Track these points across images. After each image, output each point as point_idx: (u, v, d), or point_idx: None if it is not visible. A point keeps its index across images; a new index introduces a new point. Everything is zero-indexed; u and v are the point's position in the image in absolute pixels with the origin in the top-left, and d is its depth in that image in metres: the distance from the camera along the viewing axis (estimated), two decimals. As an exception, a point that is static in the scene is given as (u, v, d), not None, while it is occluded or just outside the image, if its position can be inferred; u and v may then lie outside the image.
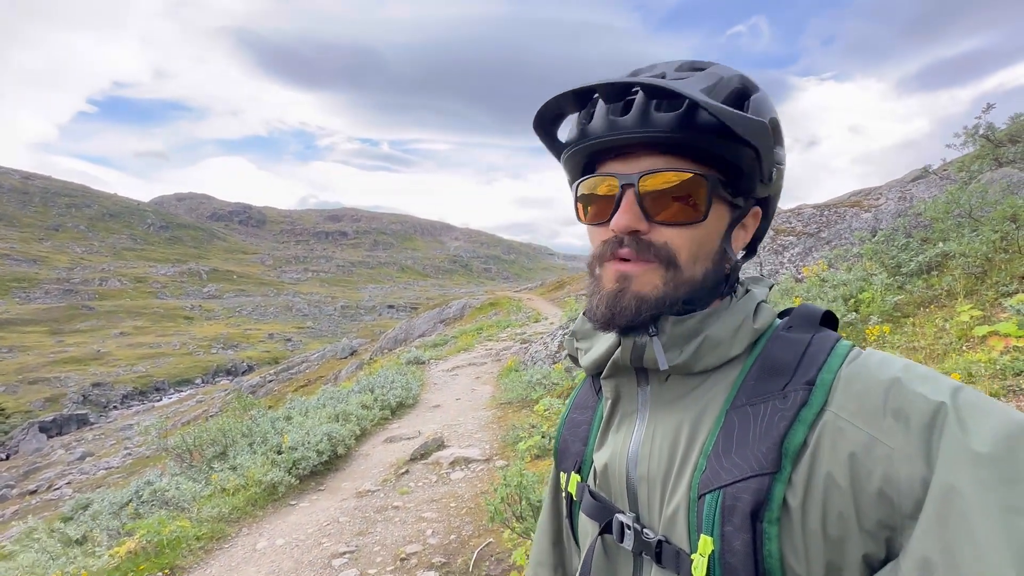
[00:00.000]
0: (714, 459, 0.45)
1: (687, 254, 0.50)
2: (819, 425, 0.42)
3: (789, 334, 0.50)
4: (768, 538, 0.41)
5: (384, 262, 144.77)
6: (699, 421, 0.49)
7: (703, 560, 0.42)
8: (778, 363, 0.47)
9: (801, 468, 0.41)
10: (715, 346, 0.50)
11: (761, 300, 0.55)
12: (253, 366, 40.92)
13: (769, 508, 0.41)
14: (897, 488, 0.37)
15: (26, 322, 50.78)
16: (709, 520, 0.43)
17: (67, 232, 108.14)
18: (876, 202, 8.68)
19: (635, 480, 0.53)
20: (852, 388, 0.42)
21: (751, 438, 0.44)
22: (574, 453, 0.62)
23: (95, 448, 21.66)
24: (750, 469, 0.42)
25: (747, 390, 0.47)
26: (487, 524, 3.27)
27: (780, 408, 0.44)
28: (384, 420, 6.75)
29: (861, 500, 0.39)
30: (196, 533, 3.68)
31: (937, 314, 3.79)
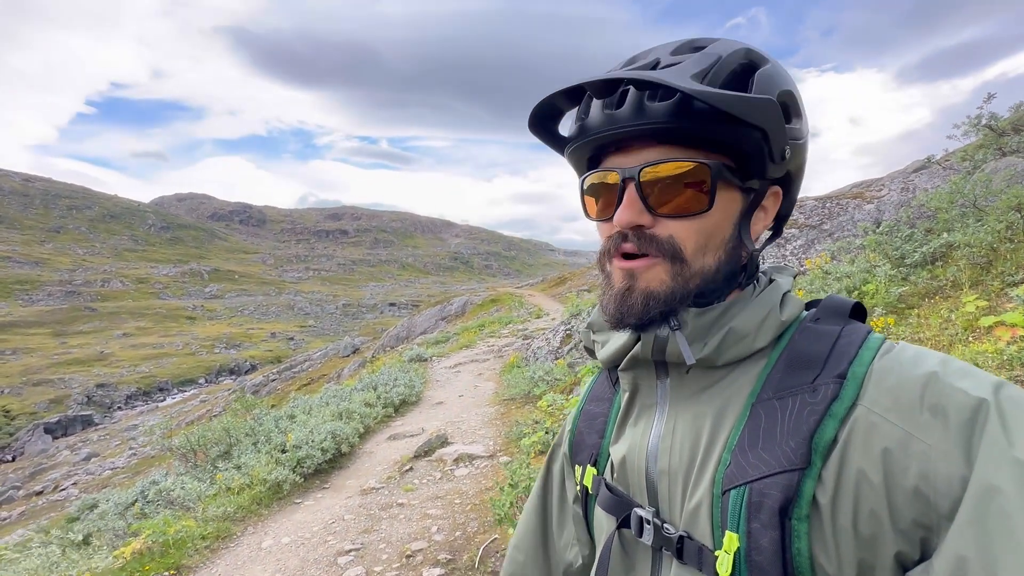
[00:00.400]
0: (739, 454, 0.44)
1: (693, 246, 0.48)
2: (851, 420, 0.40)
3: (817, 326, 0.48)
4: (797, 536, 0.39)
5: (385, 260, 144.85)
6: (722, 415, 0.48)
7: (728, 557, 0.41)
8: (807, 355, 0.46)
9: (831, 464, 0.40)
10: (740, 339, 0.49)
11: (787, 291, 0.52)
12: (256, 365, 41.03)
13: (798, 505, 0.40)
14: (934, 486, 0.36)
15: (29, 324, 50.94)
16: (735, 516, 0.42)
17: (68, 234, 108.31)
18: (879, 193, 8.64)
19: (655, 474, 0.52)
20: (886, 382, 0.41)
21: (779, 433, 0.42)
22: (590, 446, 0.61)
23: (100, 449, 21.76)
24: (778, 464, 0.41)
25: (773, 383, 0.46)
26: (492, 520, 3.27)
27: (810, 402, 0.42)
28: (387, 418, 6.76)
29: (895, 498, 0.37)
30: (202, 532, 3.68)
31: (942, 305, 3.77)
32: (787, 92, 0.49)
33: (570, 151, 0.54)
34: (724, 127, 0.45)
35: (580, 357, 7.20)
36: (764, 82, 0.47)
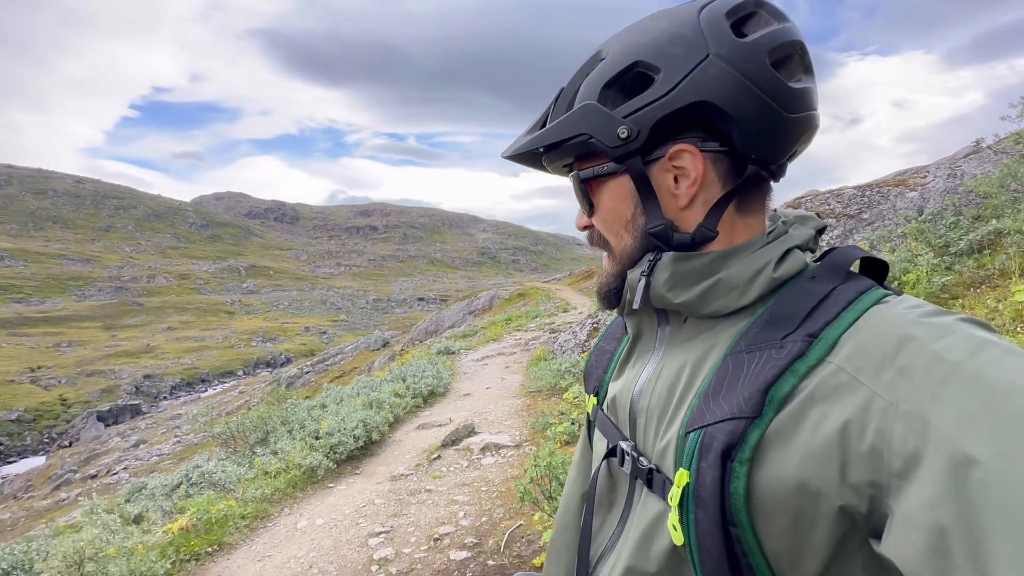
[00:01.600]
0: (703, 400, 0.46)
1: (609, 231, 0.57)
2: (816, 376, 0.41)
3: (811, 284, 0.47)
4: (736, 477, 0.41)
5: (414, 255, 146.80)
6: (701, 363, 0.50)
7: (678, 491, 0.44)
8: (786, 314, 0.46)
9: (784, 416, 0.41)
10: (727, 290, 0.49)
11: (796, 245, 0.51)
12: (291, 358, 42.35)
13: (741, 449, 0.41)
14: (888, 444, 0.35)
15: (83, 318, 53.97)
16: (688, 455, 0.44)
17: (117, 232, 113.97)
18: (923, 180, 8.23)
19: (637, 411, 0.56)
20: (860, 340, 0.40)
21: (740, 383, 0.44)
22: (595, 378, 0.68)
23: (148, 436, 22.93)
24: (731, 412, 0.43)
25: (749, 337, 0.47)
26: (517, 507, 3.32)
27: (774, 357, 0.43)
28: (416, 408, 6.89)
29: (850, 454, 0.37)
30: (242, 512, 3.87)
31: (989, 295, 3.60)
32: (626, 68, 0.50)
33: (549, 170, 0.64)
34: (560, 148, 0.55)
35: (607, 350, 7.16)
36: (586, 90, 0.53)
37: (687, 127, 0.49)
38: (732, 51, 0.47)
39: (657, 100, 0.48)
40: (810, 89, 0.50)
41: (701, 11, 0.49)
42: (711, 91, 0.47)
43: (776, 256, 0.49)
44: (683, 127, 0.49)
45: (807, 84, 0.50)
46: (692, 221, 0.51)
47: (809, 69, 0.51)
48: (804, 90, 0.49)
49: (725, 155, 0.50)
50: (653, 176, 0.52)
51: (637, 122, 0.49)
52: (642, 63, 0.49)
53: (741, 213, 0.52)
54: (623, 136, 0.50)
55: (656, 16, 0.52)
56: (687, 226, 0.52)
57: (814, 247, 0.54)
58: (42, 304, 60.09)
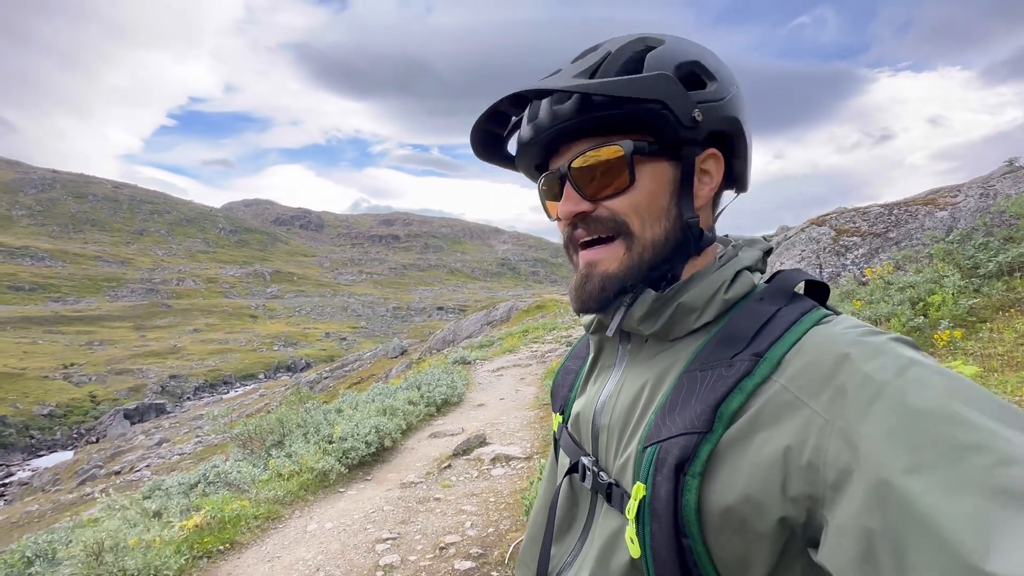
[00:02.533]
0: (660, 417, 0.48)
1: (637, 218, 0.52)
2: (762, 395, 0.43)
3: (758, 305, 0.50)
4: (688, 489, 0.43)
5: (434, 265, 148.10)
6: (660, 381, 0.52)
7: (635, 503, 0.46)
8: (735, 334, 0.48)
9: (734, 432, 0.43)
10: (687, 313, 0.52)
11: (745, 267, 0.54)
12: (311, 363, 42.98)
13: (693, 463, 0.43)
14: (823, 459, 0.38)
15: (114, 318, 55.85)
16: (645, 470, 0.46)
17: (150, 236, 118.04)
18: (954, 200, 7.99)
19: (598, 427, 0.57)
20: (802, 361, 0.43)
21: (692, 401, 0.46)
22: (561, 397, 0.69)
23: (171, 435, 23.48)
24: (684, 428, 0.45)
25: (702, 357, 0.49)
26: (524, 519, 3.30)
27: (724, 376, 0.45)
28: (429, 416, 6.93)
29: (791, 468, 0.39)
30: (254, 512, 3.94)
31: (1018, 319, 3.47)
32: (690, 62, 0.52)
33: (520, 166, 0.62)
34: (622, 109, 0.50)
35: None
36: (657, 60, 0.51)
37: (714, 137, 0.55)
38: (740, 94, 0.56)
39: (718, 101, 0.53)
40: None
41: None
42: (741, 114, 0.55)
43: (728, 278, 0.53)
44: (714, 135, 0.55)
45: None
46: (703, 223, 0.56)
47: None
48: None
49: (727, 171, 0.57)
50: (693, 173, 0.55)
51: (706, 113, 0.52)
52: (700, 65, 0.53)
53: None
54: (697, 119, 0.51)
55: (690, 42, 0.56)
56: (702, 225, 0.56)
57: (763, 268, 0.57)
58: (77, 304, 62.45)
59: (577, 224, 0.55)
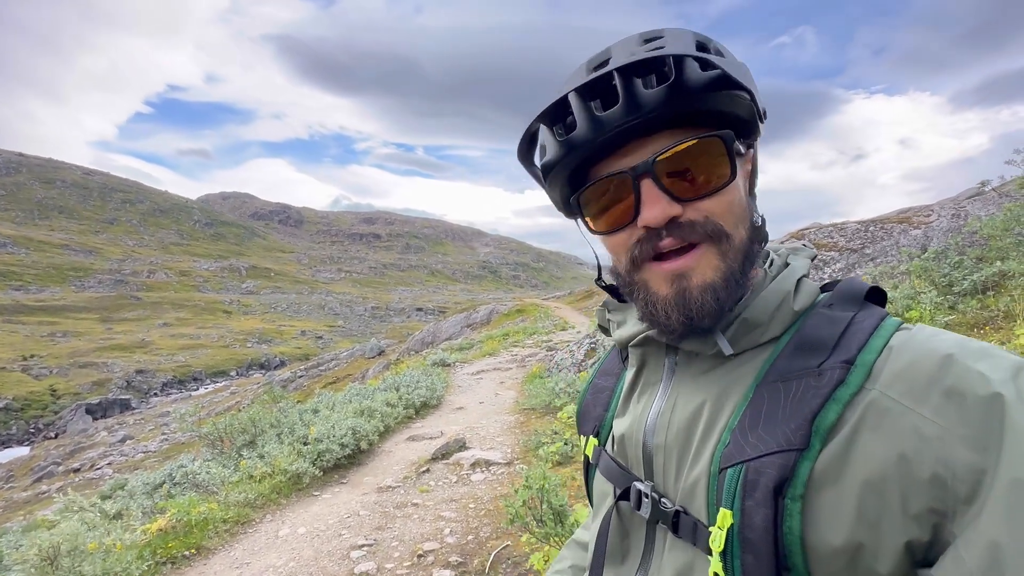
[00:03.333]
0: (739, 434, 0.43)
1: (731, 219, 0.47)
2: (860, 404, 0.40)
3: (831, 311, 0.47)
4: (790, 514, 0.39)
5: (415, 265, 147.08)
6: (725, 396, 0.47)
7: (721, 533, 0.41)
8: (815, 341, 0.44)
9: (833, 447, 0.39)
10: (752, 328, 0.48)
11: (802, 275, 0.51)
12: (285, 361, 42.11)
13: (793, 484, 0.39)
14: (952, 471, 0.35)
15: (80, 309, 53.82)
16: (730, 494, 0.41)
17: (121, 226, 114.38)
18: (927, 219, 8.26)
19: (652, 448, 0.52)
20: (899, 365, 0.40)
21: (780, 414, 0.42)
22: (594, 417, 0.62)
23: (135, 432, 22.67)
24: (776, 445, 0.40)
25: (779, 368, 0.45)
26: (505, 527, 3.24)
27: (814, 386, 0.42)
28: (408, 419, 6.81)
29: (909, 483, 0.36)
30: (223, 516, 3.78)
31: (992, 337, 3.56)
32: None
33: (555, 173, 0.51)
34: (719, 95, 0.45)
35: (604, 371, 7.11)
36: (725, 51, 0.48)
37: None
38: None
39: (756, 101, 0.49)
40: None
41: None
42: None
43: (790, 288, 0.49)
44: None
45: None
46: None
47: None
48: None
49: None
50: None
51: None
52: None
53: None
54: (764, 113, 0.49)
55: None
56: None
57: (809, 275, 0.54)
58: (40, 293, 60.00)
59: (662, 232, 0.46)
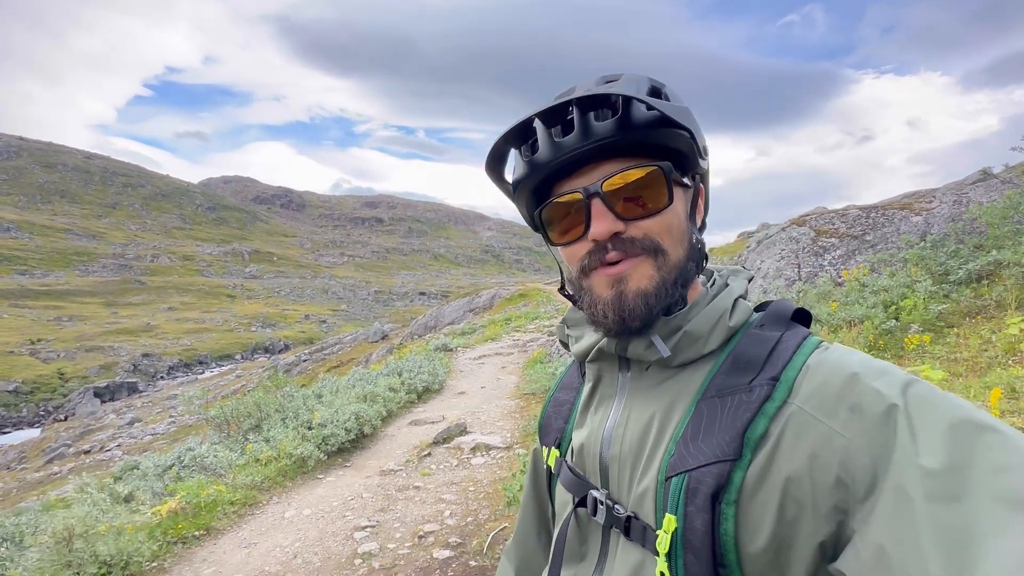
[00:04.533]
0: (682, 445, 0.48)
1: (668, 239, 0.53)
2: (782, 417, 0.45)
3: (761, 332, 0.52)
4: (725, 518, 0.44)
5: (418, 249, 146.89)
6: (671, 409, 0.52)
7: (667, 536, 0.45)
8: (747, 359, 0.50)
9: (761, 456, 0.44)
10: (693, 341, 0.53)
11: (739, 295, 0.56)
12: (289, 345, 42.44)
13: (728, 491, 0.44)
14: (852, 475, 0.40)
15: (85, 293, 54.16)
16: (674, 500, 0.46)
17: (123, 210, 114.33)
18: (929, 205, 8.22)
19: (607, 459, 0.56)
20: (814, 382, 0.45)
21: (717, 427, 0.47)
22: (556, 429, 0.67)
23: (143, 415, 23.04)
24: (714, 455, 0.45)
25: (717, 383, 0.50)
26: (503, 509, 3.35)
27: (745, 401, 0.47)
28: (410, 403, 6.93)
29: (819, 486, 0.41)
30: (231, 498, 3.90)
31: (984, 326, 3.61)
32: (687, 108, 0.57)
33: (520, 188, 0.58)
34: (662, 131, 0.52)
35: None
36: (674, 96, 0.56)
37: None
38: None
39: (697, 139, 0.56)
40: None
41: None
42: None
43: (728, 306, 0.55)
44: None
45: None
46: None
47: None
48: None
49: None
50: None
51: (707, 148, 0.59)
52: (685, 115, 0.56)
53: None
54: (705, 151, 0.58)
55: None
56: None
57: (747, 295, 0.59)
58: (45, 277, 60.34)
59: (608, 246, 0.52)
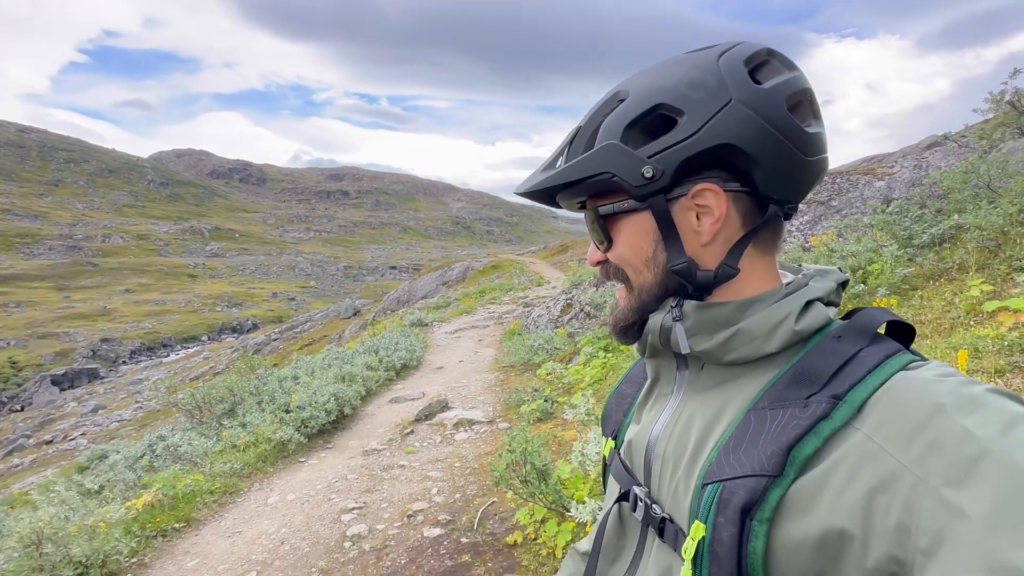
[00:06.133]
0: (724, 454, 0.46)
1: (630, 268, 0.57)
2: (841, 442, 0.41)
3: (837, 343, 0.47)
4: (755, 536, 0.41)
5: (386, 222, 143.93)
6: (721, 414, 0.50)
7: (693, 543, 0.44)
8: (811, 373, 0.46)
9: (808, 479, 0.41)
10: (748, 340, 0.50)
11: (815, 298, 0.51)
12: (258, 324, 41.40)
13: (761, 508, 0.41)
14: (918, 521, 0.35)
15: (32, 278, 51.12)
16: (705, 509, 0.44)
17: (67, 188, 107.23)
18: (890, 170, 8.47)
19: (652, 457, 0.56)
20: (890, 410, 0.40)
21: (762, 440, 0.44)
22: (614, 421, 0.69)
23: (107, 401, 22.25)
24: (751, 468, 0.43)
25: (772, 394, 0.47)
26: (491, 484, 3.38)
27: (798, 416, 0.43)
28: (389, 381, 6.88)
29: (876, 526, 0.37)
30: (210, 487, 3.81)
31: (946, 288, 3.76)
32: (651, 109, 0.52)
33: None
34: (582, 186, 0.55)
35: (580, 327, 7.25)
36: (608, 130, 0.53)
37: (709, 167, 0.52)
38: (753, 96, 0.50)
39: (682, 142, 0.50)
40: (821, 134, 0.52)
41: (720, 58, 0.52)
42: (735, 134, 0.49)
43: (797, 308, 0.50)
44: (705, 167, 0.52)
45: (818, 129, 0.52)
46: (713, 258, 0.53)
47: (818, 115, 0.53)
48: (817, 135, 0.52)
49: (746, 195, 0.52)
50: (675, 214, 0.53)
51: (662, 162, 0.51)
52: (665, 105, 0.51)
53: (760, 252, 0.54)
54: (648, 176, 0.51)
55: (676, 61, 0.54)
56: (708, 263, 0.53)
57: (837, 300, 0.54)
58: (-14, 261, 56.53)
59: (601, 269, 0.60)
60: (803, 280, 0.53)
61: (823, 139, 0.52)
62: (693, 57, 0.53)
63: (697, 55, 0.53)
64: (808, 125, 0.51)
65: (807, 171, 0.51)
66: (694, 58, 0.53)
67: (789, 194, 0.53)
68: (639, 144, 0.52)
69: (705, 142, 0.49)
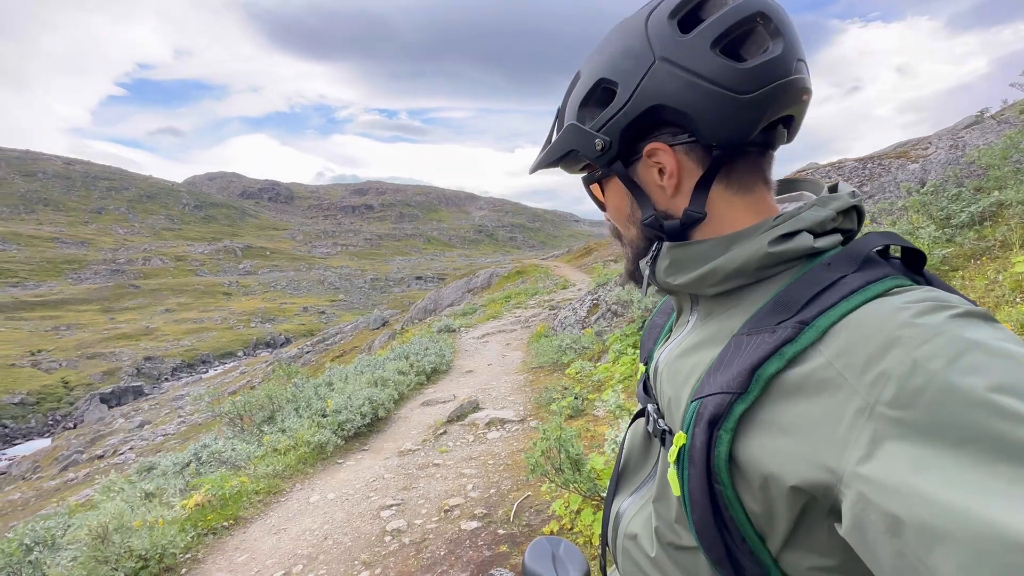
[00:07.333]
0: (707, 375, 0.51)
1: (620, 224, 0.65)
2: (804, 363, 0.43)
3: (823, 271, 0.48)
4: (720, 442, 0.46)
5: (410, 234, 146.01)
6: (714, 341, 0.54)
7: (675, 450, 0.51)
8: (789, 300, 0.47)
9: (772, 395, 0.44)
10: (722, 274, 0.54)
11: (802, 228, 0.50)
12: (290, 338, 42.51)
13: (727, 420, 0.46)
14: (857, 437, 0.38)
15: (80, 301, 53.83)
16: (687, 421, 0.50)
17: (109, 214, 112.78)
18: (925, 152, 8.17)
19: (662, 380, 0.62)
20: (852, 337, 0.41)
21: (736, 363, 0.47)
22: (646, 348, 0.75)
23: (152, 417, 23.16)
24: (721, 387, 0.47)
25: (753, 321, 0.49)
26: (525, 479, 3.40)
27: (766, 341, 0.46)
28: (420, 385, 6.98)
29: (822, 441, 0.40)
30: (254, 488, 3.96)
31: (989, 266, 3.63)
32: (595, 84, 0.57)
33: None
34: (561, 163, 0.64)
35: (607, 326, 7.22)
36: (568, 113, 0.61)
37: (656, 127, 0.55)
38: (675, 52, 0.52)
39: (619, 111, 0.55)
40: (774, 58, 0.49)
41: (648, 19, 0.54)
42: (662, 94, 0.52)
43: (774, 237, 0.50)
44: (652, 127, 0.55)
45: (771, 53, 0.49)
46: (681, 207, 0.57)
47: (777, 33, 0.50)
48: (762, 64, 0.49)
49: (696, 144, 0.54)
50: (639, 174, 0.59)
51: (608, 133, 0.57)
52: (604, 80, 0.57)
53: (736, 190, 0.55)
54: (599, 148, 0.58)
55: (614, 31, 0.59)
56: (678, 212, 0.57)
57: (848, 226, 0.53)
58: (38, 288, 59.83)
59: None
60: (795, 211, 0.52)
61: (775, 64, 0.49)
62: (627, 23, 0.57)
63: (630, 20, 0.57)
64: (758, 54, 0.50)
65: (750, 108, 0.50)
66: (628, 24, 0.57)
67: (734, 135, 0.51)
68: (592, 119, 0.58)
69: (637, 108, 0.54)
